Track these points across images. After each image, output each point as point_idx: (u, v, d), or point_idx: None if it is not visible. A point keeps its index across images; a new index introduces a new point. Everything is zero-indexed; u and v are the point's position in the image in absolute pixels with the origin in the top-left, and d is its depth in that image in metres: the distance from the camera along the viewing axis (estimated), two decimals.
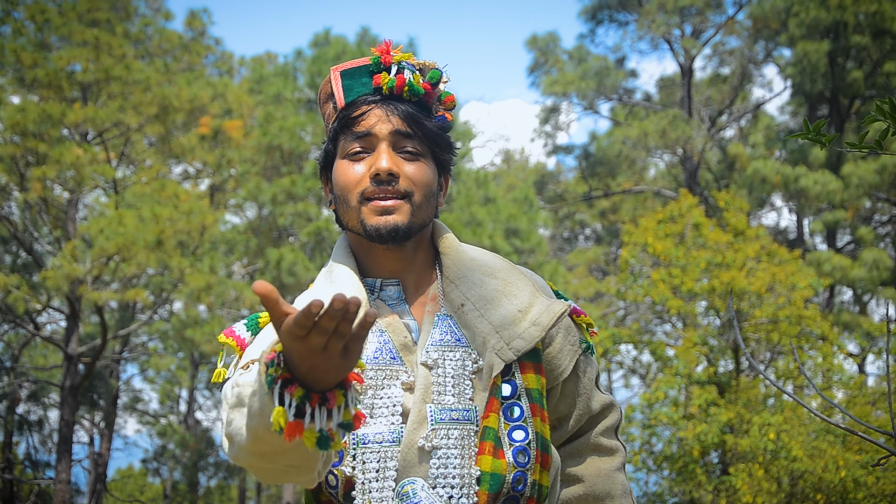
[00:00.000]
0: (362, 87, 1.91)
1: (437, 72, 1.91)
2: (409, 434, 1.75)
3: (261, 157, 21.52)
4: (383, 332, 1.85)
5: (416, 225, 1.85)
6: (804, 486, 11.03)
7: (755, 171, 20.85)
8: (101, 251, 15.30)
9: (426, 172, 1.88)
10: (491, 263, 1.95)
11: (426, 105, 1.92)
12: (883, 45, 21.14)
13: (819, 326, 12.98)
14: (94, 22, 17.19)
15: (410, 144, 1.87)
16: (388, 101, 1.88)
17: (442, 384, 1.79)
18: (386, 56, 1.91)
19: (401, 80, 1.87)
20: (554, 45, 26.23)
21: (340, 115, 1.91)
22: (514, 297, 1.89)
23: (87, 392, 20.87)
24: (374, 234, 1.83)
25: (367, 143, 1.87)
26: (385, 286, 1.91)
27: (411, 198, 1.85)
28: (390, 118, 1.86)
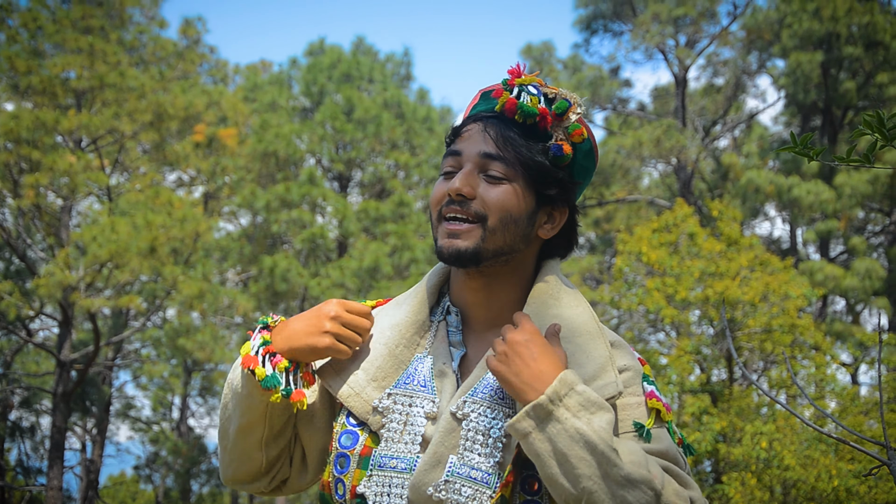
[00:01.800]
0: (483, 106, 1.90)
1: (566, 102, 1.85)
2: (419, 475, 1.73)
3: (255, 165, 21.53)
4: (428, 357, 1.86)
5: (486, 251, 1.80)
6: (797, 495, 11.03)
7: (749, 180, 20.91)
8: (94, 258, 15.28)
9: (507, 197, 1.80)
10: (576, 327, 1.83)
11: (541, 131, 1.85)
12: (875, 56, 21.23)
13: (812, 336, 13.00)
14: (88, 29, 17.19)
15: (496, 167, 1.81)
16: (492, 121, 1.84)
17: (471, 440, 1.73)
18: (513, 78, 1.87)
19: (511, 101, 1.83)
20: (549, 55, 26.28)
21: (450, 130, 1.92)
22: (579, 367, 1.77)
23: (79, 399, 20.82)
24: (440, 254, 1.82)
25: (456, 163, 1.84)
26: (451, 311, 1.91)
27: (485, 222, 1.79)
28: (485, 137, 1.83)
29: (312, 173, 20.72)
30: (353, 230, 20.51)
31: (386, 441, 1.78)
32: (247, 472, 1.93)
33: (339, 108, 21.35)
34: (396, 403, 1.80)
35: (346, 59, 22.79)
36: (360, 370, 1.85)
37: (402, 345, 1.87)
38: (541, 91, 1.86)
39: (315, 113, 22.16)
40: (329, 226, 21.24)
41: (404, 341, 1.87)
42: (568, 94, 1.87)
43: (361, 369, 1.85)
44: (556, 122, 1.86)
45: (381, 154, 22.11)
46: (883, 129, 1.64)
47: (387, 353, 1.86)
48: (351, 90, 21.72)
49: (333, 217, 21.16)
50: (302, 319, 1.83)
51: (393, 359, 1.85)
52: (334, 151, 21.86)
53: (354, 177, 22.81)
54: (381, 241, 20.26)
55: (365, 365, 1.85)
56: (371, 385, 1.83)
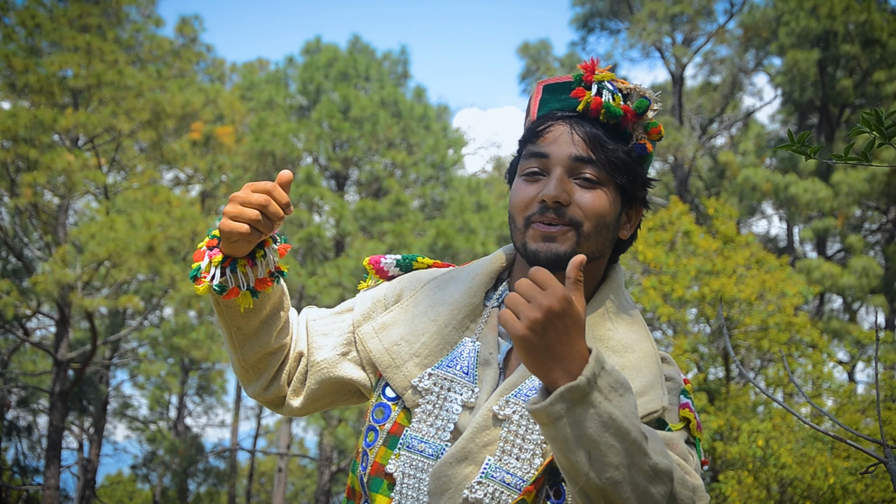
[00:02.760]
0: (557, 103, 1.82)
1: (646, 101, 1.80)
2: (442, 466, 1.70)
3: (253, 163, 21.50)
4: (476, 342, 1.81)
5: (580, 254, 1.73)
6: (793, 493, 11.05)
7: (745, 178, 20.92)
8: (91, 257, 15.27)
9: (601, 202, 1.76)
10: (630, 343, 1.79)
11: (622, 130, 1.81)
12: (872, 55, 21.24)
13: (809, 334, 13.01)
14: (85, 27, 17.18)
15: (589, 171, 1.76)
16: (577, 120, 1.78)
17: (511, 442, 1.70)
18: (589, 74, 1.81)
19: (597, 101, 1.77)
20: (545, 53, 26.30)
21: (528, 128, 1.84)
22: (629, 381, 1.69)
23: (76, 398, 20.81)
24: (533, 257, 1.74)
25: (543, 165, 1.77)
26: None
27: (580, 227, 1.74)
28: (573, 139, 1.76)
29: (310, 172, 20.70)
30: (351, 229, 20.50)
31: (419, 422, 1.75)
32: (236, 371, 1.94)
33: (335, 106, 21.34)
34: (435, 385, 1.77)
35: (343, 58, 22.77)
36: (403, 341, 1.82)
37: (451, 325, 1.82)
38: (616, 87, 1.82)
39: (312, 111, 22.15)
40: (326, 225, 21.23)
41: (455, 322, 1.82)
42: (644, 90, 1.83)
43: (405, 341, 1.82)
44: (637, 120, 1.81)
45: (377, 153, 22.10)
46: (881, 128, 1.64)
47: (434, 331, 1.82)
48: (347, 89, 21.71)
49: (330, 216, 21.15)
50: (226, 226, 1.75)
51: (440, 338, 1.81)
52: (331, 150, 21.85)
53: (351, 175, 22.79)
54: (379, 240, 20.25)
55: (410, 337, 1.82)
56: (413, 360, 1.80)
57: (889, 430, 11.76)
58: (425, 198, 22.48)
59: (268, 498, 32.18)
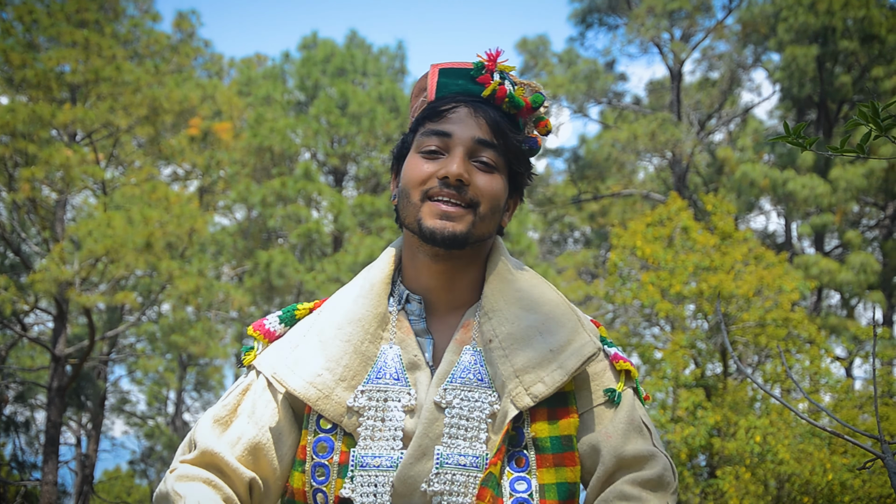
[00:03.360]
0: (457, 87, 1.84)
1: (541, 96, 1.86)
2: (404, 468, 1.71)
3: (250, 159, 21.50)
4: (393, 346, 1.81)
5: (474, 236, 1.78)
6: (791, 489, 11.05)
7: (744, 174, 20.91)
8: (89, 253, 15.26)
9: (497, 186, 1.80)
10: (537, 296, 1.85)
11: (517, 121, 1.85)
12: (871, 50, 21.23)
13: (806, 330, 13.01)
14: (83, 23, 17.14)
15: (487, 155, 1.79)
16: (478, 104, 1.81)
17: (455, 426, 1.73)
18: (491, 63, 1.84)
19: (503, 90, 1.81)
20: (544, 49, 26.26)
21: (427, 107, 1.84)
22: (551, 335, 1.79)
23: (74, 393, 20.80)
24: (428, 235, 1.76)
25: (444, 144, 1.79)
26: (411, 300, 1.84)
27: (477, 208, 1.78)
28: (476, 122, 1.79)
29: (308, 168, 20.69)
30: (349, 225, 20.49)
31: (364, 440, 1.74)
32: None
33: (333, 102, 21.31)
34: (371, 400, 1.76)
35: (340, 53, 22.75)
36: (325, 370, 1.78)
37: (366, 340, 1.80)
38: (513, 81, 1.86)
39: (309, 107, 22.13)
40: (324, 220, 21.22)
41: (368, 336, 1.81)
42: (537, 85, 1.89)
43: (326, 370, 1.78)
44: (531, 113, 1.87)
45: (375, 148, 22.09)
46: (878, 120, 1.64)
47: (352, 351, 1.80)
48: (345, 84, 21.69)
49: (329, 212, 21.14)
50: None
51: (359, 356, 1.79)
52: (329, 146, 21.83)
53: (349, 171, 22.79)
54: (377, 236, 20.24)
55: (329, 365, 1.79)
56: (340, 385, 1.77)
57: (886, 425, 11.76)
58: None
59: None
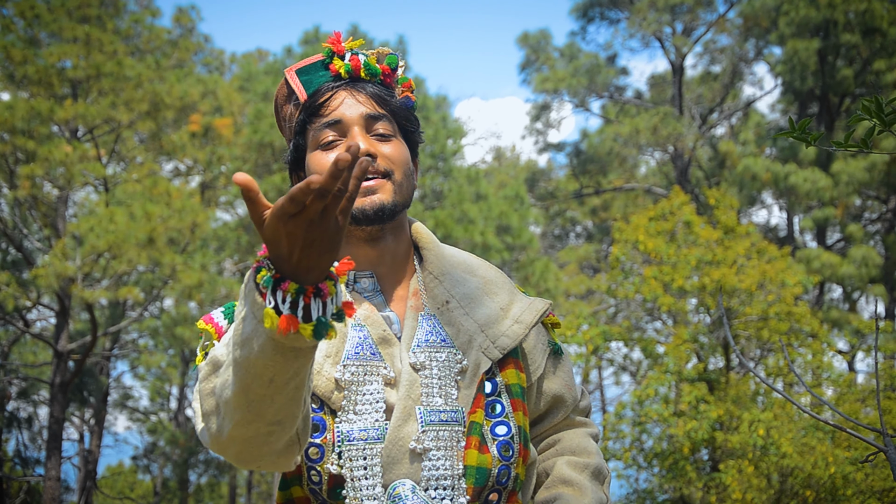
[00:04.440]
0: (320, 79, 1.88)
1: (394, 56, 1.91)
2: (393, 431, 1.73)
3: (251, 155, 21.49)
4: (362, 327, 1.81)
5: (399, 204, 1.83)
6: (793, 482, 11.06)
7: (745, 168, 20.90)
8: (91, 249, 15.26)
9: (402, 151, 1.86)
10: (469, 261, 1.95)
11: (388, 87, 1.90)
12: (872, 44, 21.20)
13: (809, 324, 13.01)
14: (84, 18, 17.13)
15: (381, 126, 1.84)
16: (352, 84, 1.86)
17: (429, 385, 1.77)
18: (338, 45, 1.88)
19: (355, 60, 1.86)
20: (545, 43, 26.24)
21: (306, 105, 1.86)
22: (495, 296, 1.89)
23: (76, 389, 20.82)
24: (359, 215, 1.78)
25: (339, 131, 1.83)
26: (359, 279, 1.86)
27: (392, 176, 1.82)
28: (358, 100, 1.84)
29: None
30: None
31: (348, 413, 1.74)
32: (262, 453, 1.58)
33: None
34: (354, 375, 1.77)
35: None
36: None
37: None
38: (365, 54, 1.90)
39: None
40: None
41: None
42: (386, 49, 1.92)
43: None
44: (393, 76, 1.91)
45: None
46: (881, 115, 1.64)
47: None
48: None
49: None
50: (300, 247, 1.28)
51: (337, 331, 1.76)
52: None
53: None
54: None
55: None
56: (327, 361, 1.78)
57: (889, 419, 11.77)
58: (424, 188, 22.46)
59: (268, 489, 32.19)
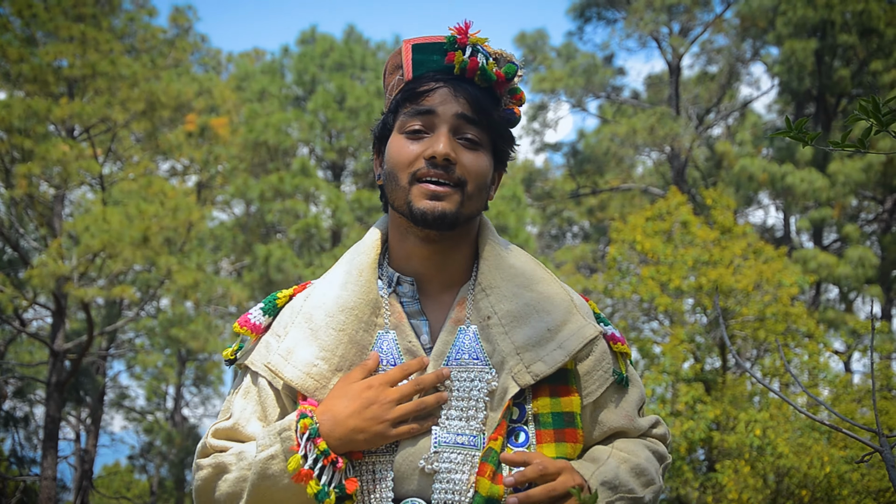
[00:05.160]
0: (433, 64, 1.82)
1: (514, 66, 1.84)
2: (404, 447, 1.72)
3: (247, 154, 21.48)
4: (389, 332, 1.80)
5: (463, 215, 1.78)
6: (790, 482, 11.07)
7: (742, 168, 20.90)
8: (87, 248, 15.24)
9: (483, 163, 1.80)
10: (531, 274, 1.85)
11: (495, 94, 1.84)
12: (870, 44, 21.21)
13: (805, 324, 13.02)
14: (80, 17, 17.11)
15: (472, 132, 1.79)
16: (456, 82, 1.80)
17: (453, 407, 1.73)
18: (462, 37, 1.81)
19: (474, 62, 1.79)
20: (542, 43, 26.23)
21: (406, 88, 1.83)
22: (547, 314, 1.79)
23: (73, 388, 20.79)
24: (419, 217, 1.75)
25: (428, 123, 1.79)
26: (402, 282, 1.84)
27: (464, 187, 1.77)
28: (457, 100, 1.78)
29: (305, 163, 20.68)
30: (347, 220, 20.48)
31: None
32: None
33: (331, 96, 21.30)
34: None
35: (338, 48, 22.72)
36: (320, 360, 1.77)
37: (360, 329, 1.79)
38: (486, 52, 1.84)
39: (307, 102, 22.12)
40: (322, 215, 21.22)
41: (363, 325, 1.79)
42: (510, 55, 1.86)
43: (322, 359, 1.77)
44: (506, 85, 1.85)
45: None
46: (878, 115, 1.63)
47: (347, 341, 1.78)
48: (343, 79, 21.67)
49: (327, 206, 21.14)
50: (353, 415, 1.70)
51: (354, 345, 1.78)
52: (327, 141, 21.82)
53: (347, 166, 22.78)
54: None
55: (324, 354, 1.77)
56: (337, 376, 1.77)
57: (885, 419, 11.78)
58: None
59: None
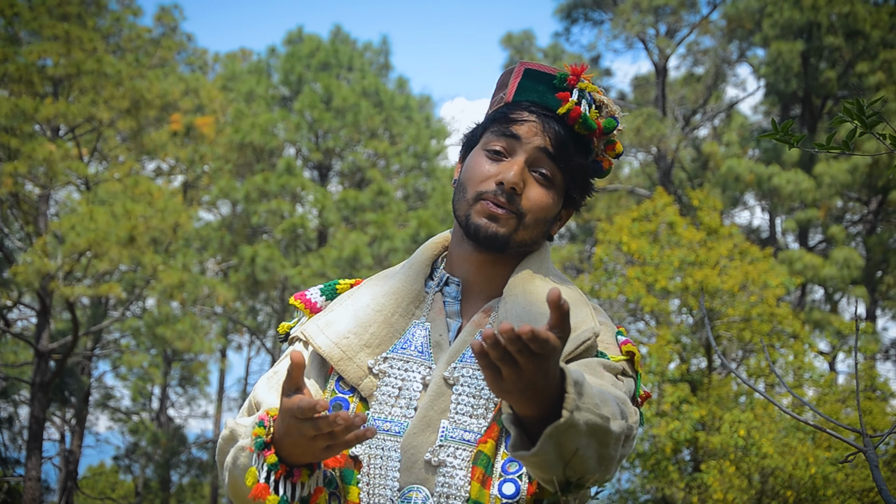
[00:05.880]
0: (536, 94, 1.89)
1: (614, 122, 1.90)
2: (408, 437, 1.76)
3: (233, 155, 21.43)
4: (425, 325, 1.87)
5: (515, 241, 1.84)
6: (774, 482, 11.10)
7: (729, 169, 20.97)
8: (72, 247, 15.18)
9: (548, 201, 1.86)
10: (543, 284, 1.87)
11: (584, 140, 1.90)
12: (855, 46, 21.31)
13: (790, 325, 13.07)
14: (65, 16, 17.05)
15: (547, 167, 1.85)
16: (548, 118, 1.86)
17: (463, 403, 1.77)
18: (574, 78, 1.89)
19: (577, 111, 1.85)
20: (529, 44, 26.26)
21: (501, 109, 1.90)
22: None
23: (57, 389, 20.70)
24: (472, 230, 1.83)
25: (510, 147, 1.85)
26: (450, 282, 1.92)
27: (523, 218, 1.83)
28: (543, 134, 1.84)
29: (291, 163, 20.65)
30: (333, 220, 20.46)
31: (381, 405, 1.80)
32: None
33: (317, 96, 21.27)
34: (393, 368, 1.82)
35: (325, 48, 22.69)
36: (352, 334, 1.85)
37: (398, 313, 1.87)
38: (592, 98, 1.89)
39: (294, 102, 22.08)
40: (309, 215, 21.19)
41: (400, 310, 1.88)
42: (614, 108, 1.92)
43: (353, 333, 1.85)
44: (601, 137, 1.92)
45: (359, 143, 22.06)
46: (863, 117, 1.64)
47: (381, 321, 1.86)
48: (329, 79, 21.64)
49: (313, 207, 21.11)
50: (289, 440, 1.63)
51: (388, 326, 1.86)
52: (313, 141, 21.79)
53: (334, 166, 22.75)
54: (361, 231, 20.22)
55: (357, 329, 1.85)
56: (364, 350, 1.84)
57: (869, 419, 11.83)
58: (408, 188, 22.45)
59: None
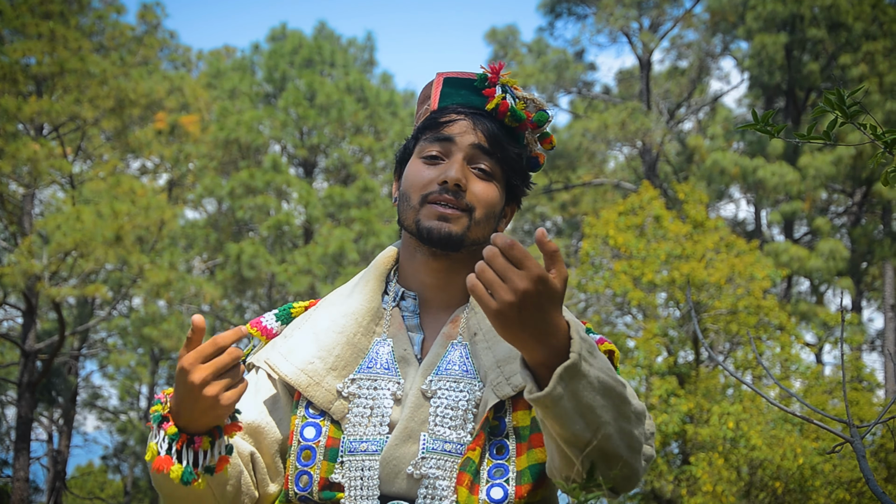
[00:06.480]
0: (459, 98, 1.91)
1: (545, 115, 1.92)
2: (389, 450, 1.77)
3: (218, 152, 21.38)
4: (387, 341, 1.88)
5: (469, 238, 1.85)
6: (763, 474, 11.15)
7: (714, 162, 21.02)
8: (58, 247, 15.13)
9: (493, 194, 1.87)
10: None
11: (516, 133, 1.92)
12: (838, 38, 21.38)
13: (777, 317, 13.11)
14: (48, 14, 16.96)
15: (485, 163, 1.86)
16: (477, 116, 1.88)
17: (441, 415, 1.78)
18: (493, 76, 1.91)
19: (505, 105, 1.88)
20: (513, 38, 26.27)
21: (429, 117, 1.91)
22: None
23: (45, 389, 20.64)
24: (426, 234, 1.83)
25: (445, 150, 1.87)
26: (406, 297, 1.92)
27: (472, 213, 1.84)
28: (475, 132, 1.87)
29: (276, 160, 20.62)
30: (319, 216, 20.44)
31: (354, 426, 1.80)
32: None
33: (301, 93, 21.23)
34: (362, 388, 1.83)
35: (308, 44, 22.65)
36: (317, 359, 1.86)
37: (359, 333, 1.89)
38: (515, 94, 1.92)
39: (278, 99, 22.03)
40: (294, 212, 21.16)
41: (362, 329, 1.89)
42: (541, 102, 1.94)
43: (319, 358, 1.86)
44: (533, 129, 1.93)
45: (344, 139, 22.03)
46: (843, 107, 1.64)
47: (345, 342, 1.87)
48: (313, 75, 21.60)
49: (298, 203, 21.08)
50: (183, 404, 1.65)
51: (352, 347, 1.87)
52: (297, 137, 21.75)
53: (319, 163, 22.72)
54: (347, 227, 20.20)
55: (321, 354, 1.86)
56: (331, 374, 1.85)
57: (855, 410, 11.88)
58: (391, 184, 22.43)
59: None
